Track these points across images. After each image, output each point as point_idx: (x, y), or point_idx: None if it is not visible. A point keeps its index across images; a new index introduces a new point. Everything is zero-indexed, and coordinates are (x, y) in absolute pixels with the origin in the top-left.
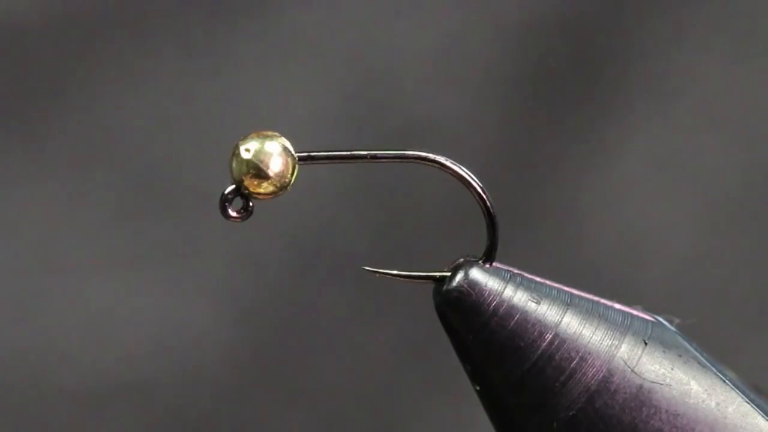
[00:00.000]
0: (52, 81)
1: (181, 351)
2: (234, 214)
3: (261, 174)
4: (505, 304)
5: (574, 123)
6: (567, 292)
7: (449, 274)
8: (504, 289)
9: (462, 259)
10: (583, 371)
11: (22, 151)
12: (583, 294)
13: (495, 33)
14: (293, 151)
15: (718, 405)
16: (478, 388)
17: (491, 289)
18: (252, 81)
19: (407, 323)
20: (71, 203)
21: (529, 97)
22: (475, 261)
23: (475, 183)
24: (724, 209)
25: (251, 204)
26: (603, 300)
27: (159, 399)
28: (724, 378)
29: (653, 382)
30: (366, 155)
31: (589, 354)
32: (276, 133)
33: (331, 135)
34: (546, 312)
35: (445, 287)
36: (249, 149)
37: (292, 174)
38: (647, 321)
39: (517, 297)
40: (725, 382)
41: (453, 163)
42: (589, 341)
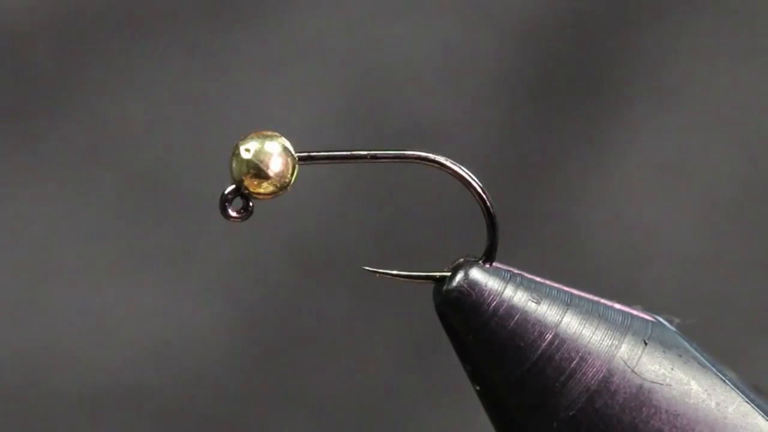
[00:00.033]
0: (52, 83)
1: (182, 354)
2: (234, 214)
3: (261, 174)
4: (505, 304)
5: (576, 125)
6: (567, 292)
7: (449, 274)
8: (504, 289)
9: (462, 259)
10: (583, 371)
11: (23, 154)
12: (583, 294)
13: (496, 35)
14: (293, 151)
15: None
16: (478, 388)
17: (491, 289)
18: (253, 84)
19: (408, 325)
20: (72, 205)
21: (532, 100)
22: (475, 261)
23: (475, 183)
24: (726, 211)
25: (251, 204)
26: (603, 300)
27: (160, 402)
28: (724, 378)
29: (653, 382)
30: (366, 155)
31: (589, 354)
32: (276, 133)
33: (332, 138)
34: (546, 312)
35: (445, 287)
36: (249, 149)
37: (292, 174)
38: (647, 321)
39: (517, 297)
40: (725, 382)
41: (453, 163)
42: (589, 341)
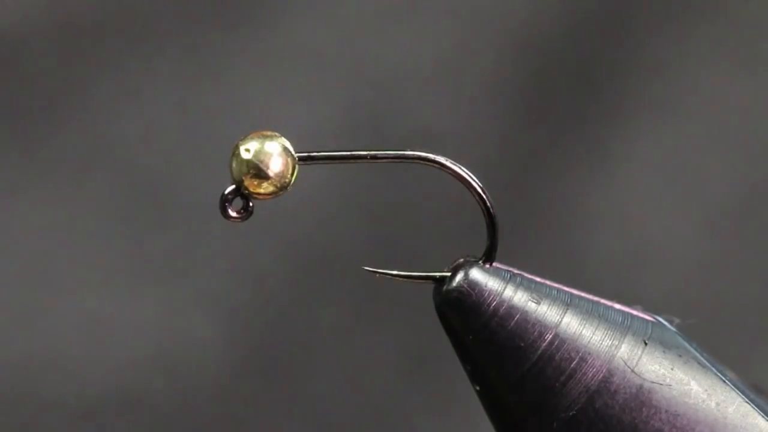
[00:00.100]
0: (49, 89)
1: (181, 361)
2: (234, 214)
3: (261, 174)
4: (505, 304)
5: (576, 132)
6: (567, 292)
7: (449, 274)
8: (504, 290)
9: (462, 259)
10: (583, 371)
11: (19, 160)
12: (583, 294)
13: (497, 42)
14: (293, 151)
15: (718, 405)
16: (478, 388)
17: (491, 290)
18: (252, 90)
19: (408, 332)
20: (68, 212)
21: (532, 107)
22: (475, 261)
23: (475, 183)
24: (726, 218)
25: (251, 204)
26: (603, 300)
27: (157, 409)
28: (724, 378)
29: (653, 382)
30: (366, 155)
31: (589, 354)
32: (276, 133)
33: (332, 143)
34: (546, 312)
35: (445, 287)
36: (249, 149)
37: (292, 174)
38: (647, 321)
39: (517, 297)
40: (725, 382)
41: (453, 163)
42: (589, 341)
